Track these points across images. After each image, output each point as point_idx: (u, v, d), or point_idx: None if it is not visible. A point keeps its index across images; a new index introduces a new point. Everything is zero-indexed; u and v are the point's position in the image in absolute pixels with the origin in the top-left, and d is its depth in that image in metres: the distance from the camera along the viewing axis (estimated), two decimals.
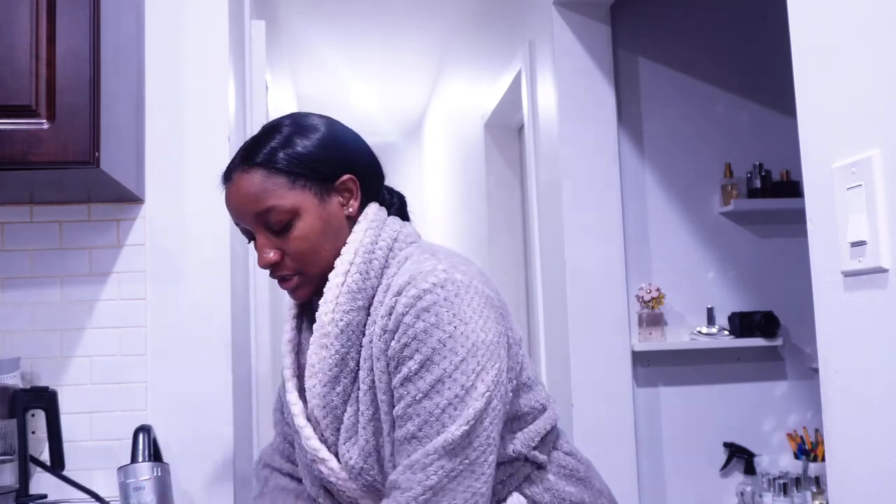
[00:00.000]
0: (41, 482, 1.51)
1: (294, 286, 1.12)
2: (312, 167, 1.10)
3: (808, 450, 2.62)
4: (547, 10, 2.61)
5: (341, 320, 1.07)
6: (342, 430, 1.08)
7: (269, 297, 2.09)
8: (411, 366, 0.99)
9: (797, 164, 1.06)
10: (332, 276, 1.09)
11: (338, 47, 4.43)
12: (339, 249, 1.10)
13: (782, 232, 2.78)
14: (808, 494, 2.54)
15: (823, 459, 2.22)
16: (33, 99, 1.28)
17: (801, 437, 2.66)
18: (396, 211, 1.21)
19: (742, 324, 2.65)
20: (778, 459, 2.70)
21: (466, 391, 0.98)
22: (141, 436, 1.44)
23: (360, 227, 1.12)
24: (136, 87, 1.60)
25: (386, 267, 1.09)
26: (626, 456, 2.51)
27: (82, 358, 1.58)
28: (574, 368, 2.48)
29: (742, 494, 2.63)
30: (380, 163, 1.21)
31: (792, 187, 2.73)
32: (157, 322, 1.60)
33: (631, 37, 2.74)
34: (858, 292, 0.91)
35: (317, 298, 1.13)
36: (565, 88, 2.55)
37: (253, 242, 1.13)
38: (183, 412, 1.59)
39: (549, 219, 2.68)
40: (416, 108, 5.72)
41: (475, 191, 4.00)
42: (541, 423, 1.11)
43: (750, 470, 2.64)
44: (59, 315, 1.58)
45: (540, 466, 1.11)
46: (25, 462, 1.42)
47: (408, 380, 1.00)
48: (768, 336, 2.65)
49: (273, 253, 1.10)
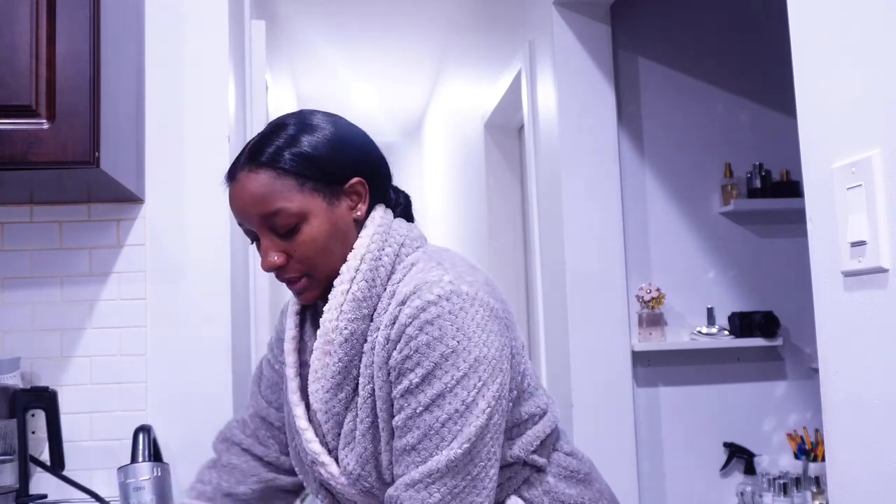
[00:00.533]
0: (41, 482, 1.51)
1: (302, 288, 1.09)
2: (321, 169, 1.07)
3: (808, 450, 2.62)
4: (547, 10, 2.61)
5: (346, 329, 1.05)
6: (342, 436, 1.08)
7: (269, 297, 2.09)
8: (413, 378, 0.98)
9: (797, 164, 1.06)
10: (336, 282, 1.06)
11: (338, 47, 4.43)
12: (347, 253, 1.08)
13: (782, 232, 2.78)
14: (808, 494, 2.54)
15: (823, 459, 2.22)
16: (33, 99, 1.28)
17: (801, 437, 2.66)
18: (402, 211, 1.18)
19: (742, 324, 2.65)
20: (778, 459, 2.70)
21: (467, 407, 0.97)
22: (141, 436, 1.44)
23: (366, 233, 1.09)
24: (136, 88, 1.60)
25: (391, 273, 1.07)
26: (626, 456, 2.51)
27: (82, 358, 1.58)
28: (574, 368, 2.48)
29: (742, 494, 2.63)
30: (387, 162, 1.18)
31: (792, 187, 2.73)
32: (157, 322, 1.60)
33: (631, 37, 2.74)
34: (858, 292, 0.90)
35: (321, 302, 1.11)
36: (565, 88, 2.55)
37: (256, 244, 1.11)
38: (183, 412, 1.59)
39: (549, 219, 2.68)
40: (416, 108, 5.72)
41: (475, 191, 4.00)
42: (539, 428, 1.10)
43: (750, 470, 2.64)
44: (59, 315, 1.58)
45: (539, 469, 1.11)
46: (25, 462, 1.42)
47: (409, 392, 0.99)
48: (768, 336, 2.65)
49: (278, 256, 1.06)
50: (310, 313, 1.18)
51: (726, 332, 2.67)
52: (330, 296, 1.07)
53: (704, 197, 2.76)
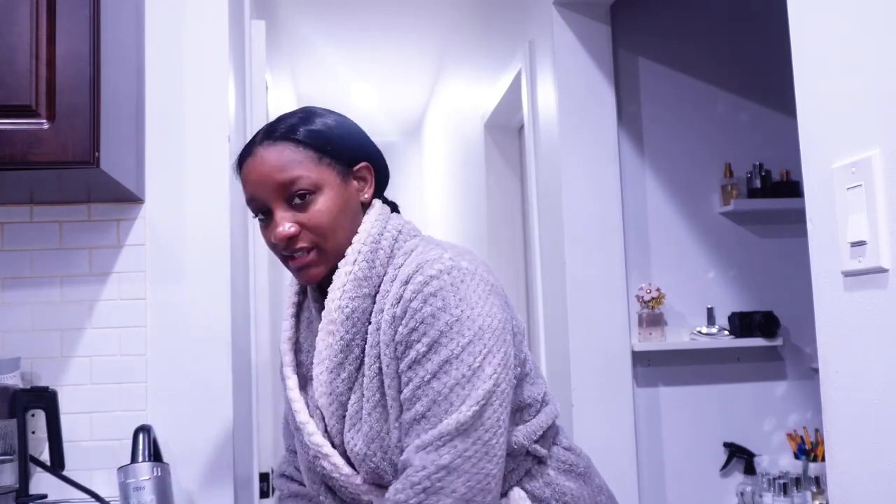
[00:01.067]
0: (41, 482, 1.51)
1: (308, 262, 1.11)
2: (336, 146, 1.13)
3: (808, 450, 2.62)
4: (547, 10, 2.61)
5: (347, 307, 1.08)
6: (347, 418, 1.09)
7: (269, 297, 2.09)
8: (419, 349, 1.01)
9: (797, 164, 1.06)
10: (341, 263, 1.10)
11: (338, 47, 4.43)
12: (352, 234, 1.12)
13: (782, 232, 2.78)
14: (808, 494, 2.54)
15: (823, 459, 2.23)
16: (33, 99, 1.28)
17: (801, 437, 2.66)
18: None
19: (742, 324, 2.65)
20: (778, 459, 2.70)
21: (473, 372, 0.99)
22: (141, 436, 1.44)
23: (369, 218, 1.14)
24: (136, 88, 1.60)
25: (392, 257, 1.11)
26: (626, 456, 2.51)
27: (82, 358, 1.58)
28: (574, 368, 2.48)
29: (742, 494, 2.63)
30: (386, 164, 1.24)
31: (792, 187, 2.73)
32: (157, 322, 1.60)
33: (631, 37, 2.74)
34: (858, 292, 0.91)
35: (317, 293, 1.15)
36: (565, 88, 2.55)
37: (262, 223, 1.13)
38: (183, 412, 1.59)
39: (549, 219, 2.68)
40: (416, 108, 5.72)
41: (475, 191, 4.00)
42: (542, 417, 1.12)
43: (750, 470, 2.64)
44: (59, 315, 1.58)
45: (540, 461, 1.12)
46: (25, 462, 1.42)
47: (416, 363, 1.01)
48: (768, 336, 2.65)
49: (291, 226, 1.09)
50: (304, 315, 1.21)
51: (726, 332, 2.67)
52: (334, 276, 1.10)
53: (704, 197, 2.76)
